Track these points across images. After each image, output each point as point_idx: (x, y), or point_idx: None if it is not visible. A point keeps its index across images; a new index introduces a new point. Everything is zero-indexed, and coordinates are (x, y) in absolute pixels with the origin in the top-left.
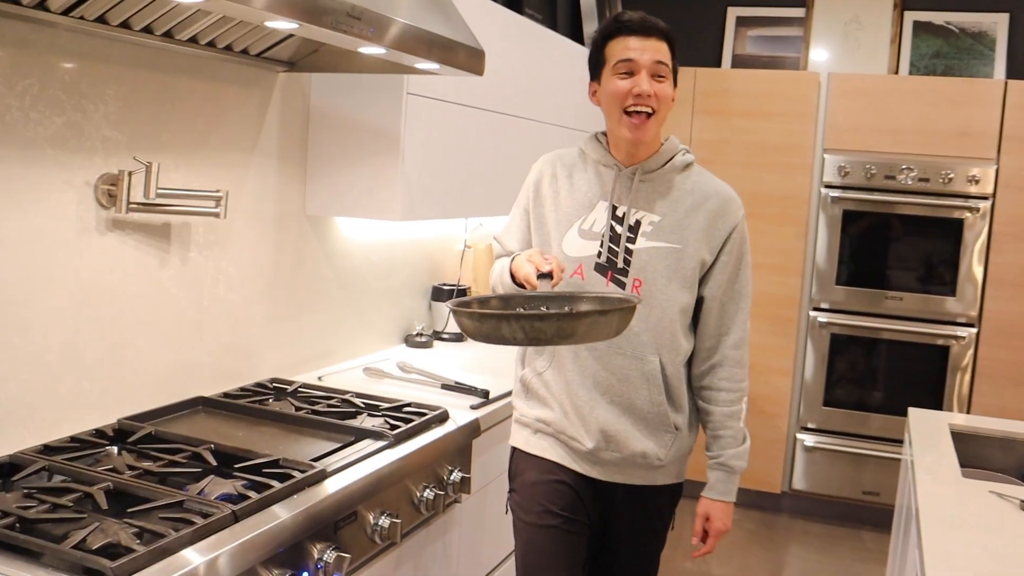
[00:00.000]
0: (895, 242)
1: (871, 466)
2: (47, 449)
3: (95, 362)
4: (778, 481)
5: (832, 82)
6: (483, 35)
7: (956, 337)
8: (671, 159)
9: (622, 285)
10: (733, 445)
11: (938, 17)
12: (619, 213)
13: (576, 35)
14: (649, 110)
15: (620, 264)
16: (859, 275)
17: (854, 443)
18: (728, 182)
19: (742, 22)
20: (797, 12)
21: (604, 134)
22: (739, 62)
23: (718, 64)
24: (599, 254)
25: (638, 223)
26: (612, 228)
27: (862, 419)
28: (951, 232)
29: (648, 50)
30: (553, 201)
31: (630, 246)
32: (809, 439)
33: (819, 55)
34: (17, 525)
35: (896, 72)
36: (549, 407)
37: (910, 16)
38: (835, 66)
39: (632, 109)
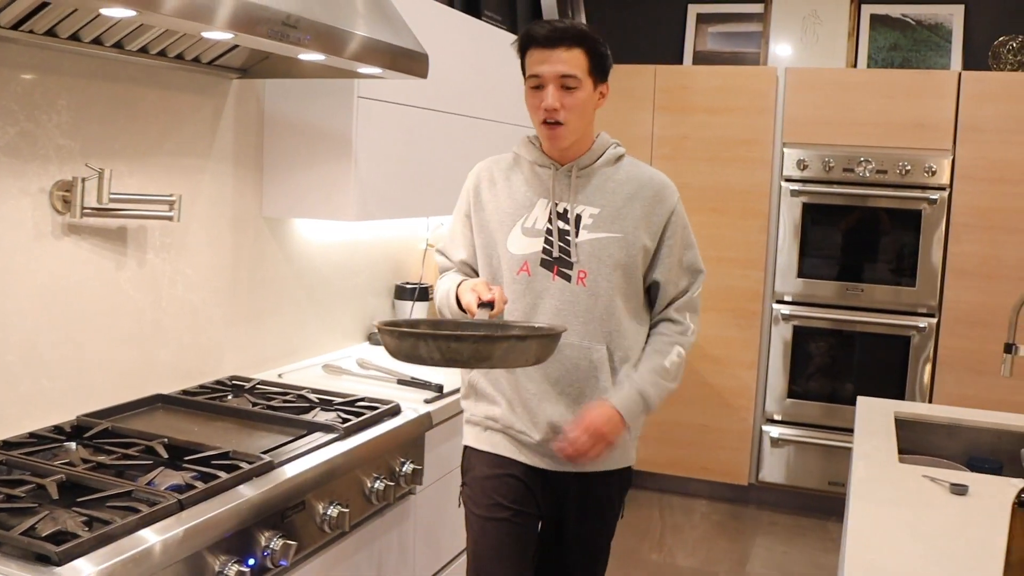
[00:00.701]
0: (855, 234)
1: (837, 457)
2: (6, 444)
3: (55, 362)
4: (745, 473)
5: (789, 76)
6: (436, 39)
7: (917, 328)
8: (603, 154)
9: (568, 278)
10: (648, 370)
11: (895, 10)
12: (560, 209)
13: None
14: (559, 121)
15: (564, 257)
16: (820, 267)
17: (819, 434)
18: (689, 177)
19: (703, 19)
20: (756, 8)
21: (537, 136)
22: (700, 58)
23: (680, 61)
24: (544, 250)
25: (579, 217)
26: (553, 223)
27: (827, 410)
28: (910, 223)
29: (555, 62)
30: (493, 204)
31: (571, 239)
32: (775, 431)
33: (779, 50)
34: None
35: (855, 65)
36: (496, 403)
37: (867, 9)
38: (795, 61)
39: (544, 120)
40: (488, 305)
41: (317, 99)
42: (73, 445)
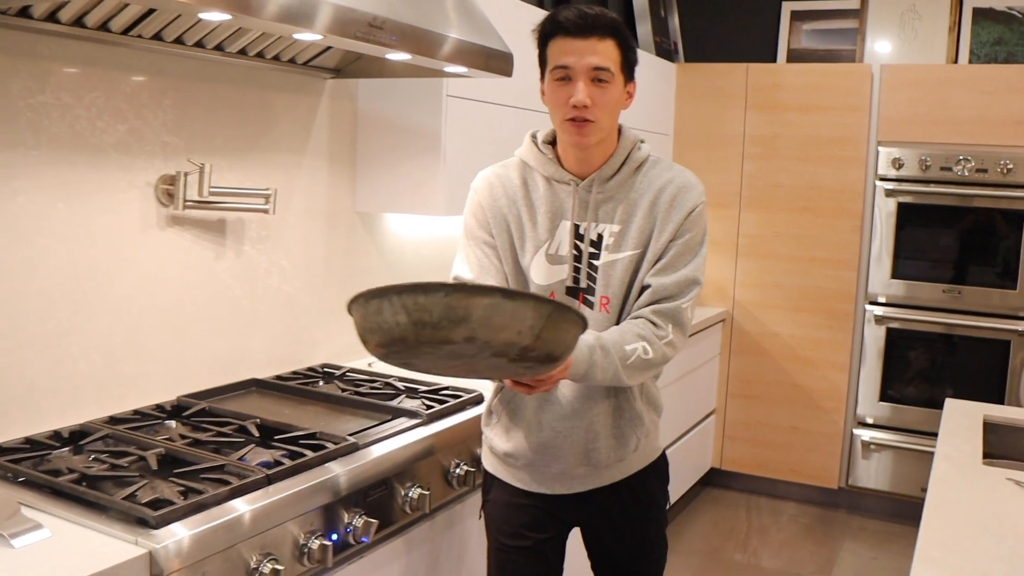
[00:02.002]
0: (953, 235)
1: (930, 462)
2: (112, 420)
3: (157, 346)
4: (835, 476)
5: (884, 74)
6: (523, 38)
7: (1017, 332)
8: (626, 160)
9: (591, 305)
10: (611, 342)
11: (1000, 2)
12: (580, 231)
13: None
14: (589, 118)
15: (586, 283)
16: (916, 269)
17: (913, 439)
18: (781, 176)
19: (797, 16)
20: (852, 4)
21: (548, 141)
22: (795, 56)
23: (774, 59)
24: (568, 277)
25: (600, 236)
26: (576, 248)
27: (921, 415)
28: (1011, 223)
29: (586, 53)
30: (517, 226)
31: (595, 262)
32: (867, 434)
33: (876, 47)
34: (82, 481)
35: (955, 61)
36: (515, 440)
37: (970, 3)
38: (893, 57)
39: (571, 117)
40: None
41: (407, 98)
42: (173, 423)
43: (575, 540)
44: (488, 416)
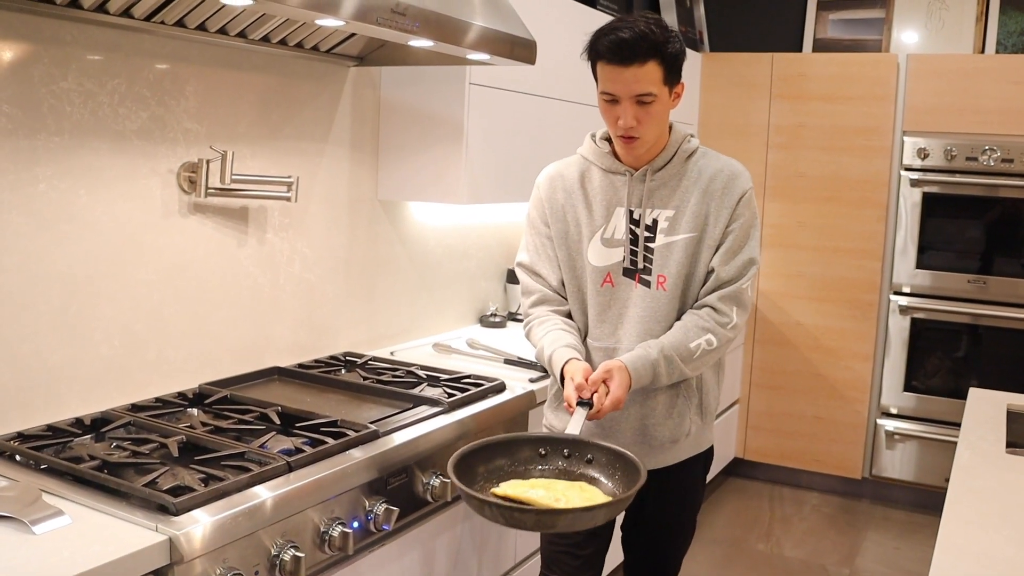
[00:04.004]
0: (979, 225)
1: (954, 453)
2: (134, 407)
3: (179, 333)
4: (858, 466)
5: (911, 63)
6: (548, 26)
7: None
8: (676, 152)
9: (648, 284)
10: (670, 346)
11: None
12: (635, 216)
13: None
14: (635, 136)
15: (642, 264)
16: (941, 259)
17: (937, 429)
18: (805, 166)
19: (823, 6)
20: None
21: (605, 138)
22: (820, 46)
23: (799, 48)
24: (624, 259)
25: (655, 222)
26: (632, 231)
27: (946, 405)
28: None
29: (628, 82)
30: (572, 215)
31: (650, 245)
32: (890, 424)
33: (903, 37)
34: (103, 468)
35: (982, 51)
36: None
37: None
38: (919, 47)
39: (620, 135)
40: (587, 404)
41: (431, 86)
42: (194, 410)
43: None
44: (552, 399)
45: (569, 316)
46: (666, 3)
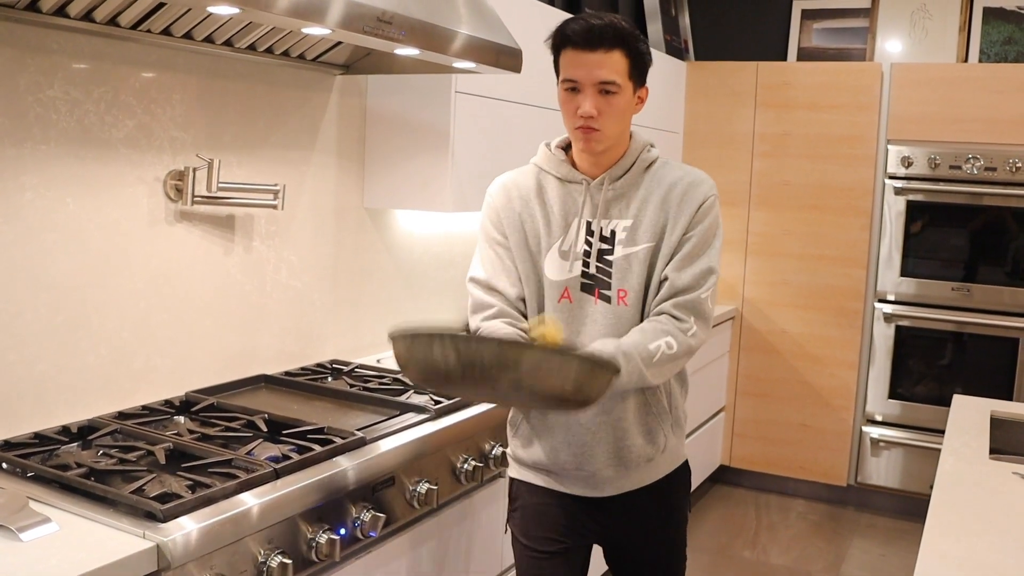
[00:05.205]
0: (962, 233)
1: (938, 460)
2: (121, 415)
3: (165, 340)
4: (843, 474)
5: (895, 72)
6: (533, 35)
7: None
8: (635, 161)
9: (608, 300)
10: (631, 344)
11: (1009, 2)
12: (593, 227)
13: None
14: (595, 127)
15: (604, 279)
16: (925, 266)
17: (922, 437)
18: (790, 174)
19: (808, 15)
20: (863, 2)
21: (561, 146)
22: (805, 55)
23: (784, 57)
24: (583, 273)
25: (613, 232)
26: (588, 243)
27: (930, 412)
28: (1020, 222)
29: (592, 67)
30: (532, 227)
31: (608, 258)
32: (875, 432)
33: (886, 46)
34: (90, 475)
35: (966, 60)
36: (544, 443)
37: (980, 2)
38: (903, 56)
39: (579, 126)
40: None
41: (417, 94)
42: (181, 418)
43: (595, 555)
44: (512, 427)
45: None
46: (651, 11)
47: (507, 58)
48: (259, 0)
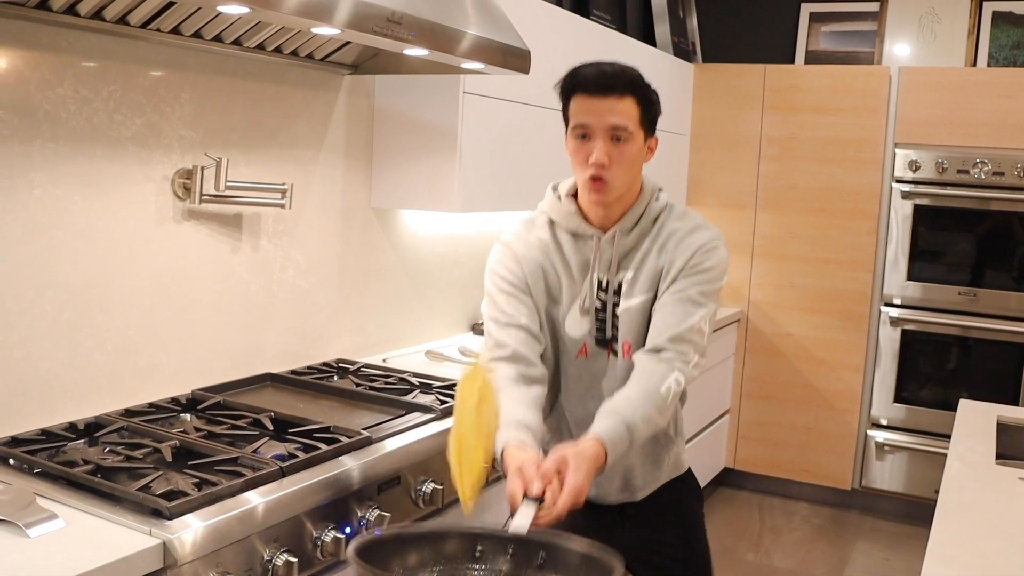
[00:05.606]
0: (969, 237)
1: (943, 464)
2: (127, 412)
3: (171, 339)
4: (848, 477)
5: (903, 76)
6: (541, 36)
7: None
8: (645, 210)
9: (616, 353)
10: (639, 398)
11: (1019, 7)
12: (603, 282)
13: (648, 37)
14: (607, 177)
15: (610, 331)
16: (932, 271)
17: (927, 441)
18: (797, 177)
19: (816, 18)
20: (872, 6)
21: (570, 194)
22: (813, 58)
23: (792, 60)
24: (597, 327)
25: (620, 284)
26: (600, 299)
27: (936, 417)
28: None
29: (604, 113)
30: (555, 279)
31: (616, 310)
32: (880, 436)
33: (895, 49)
34: (97, 472)
35: (974, 64)
36: None
37: (989, 6)
38: (911, 60)
39: (590, 175)
40: (538, 501)
41: (425, 95)
42: (187, 415)
43: None
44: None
45: (541, 383)
46: (659, 14)
47: (515, 59)
48: (269, 0)
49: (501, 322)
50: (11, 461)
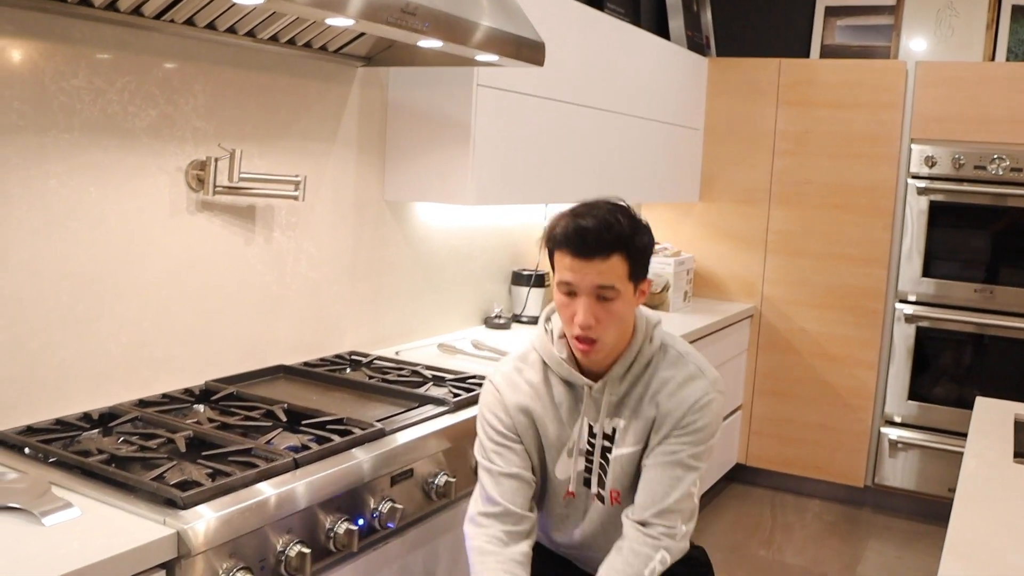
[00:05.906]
0: (987, 234)
1: (957, 462)
2: (141, 403)
3: (185, 330)
4: (861, 475)
5: (919, 71)
6: (556, 29)
7: None
8: (637, 355)
9: (602, 499)
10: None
11: None
12: (594, 429)
13: (661, 30)
14: (594, 337)
15: (601, 476)
16: (948, 267)
17: (941, 439)
18: (811, 173)
19: (831, 12)
20: (888, 0)
21: (562, 336)
22: (828, 52)
23: (807, 54)
24: (586, 469)
25: (614, 430)
26: (591, 444)
27: (950, 414)
28: None
29: (589, 272)
30: (542, 426)
31: (608, 455)
32: (894, 433)
33: (911, 44)
34: (111, 462)
35: (992, 59)
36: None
37: (1008, 0)
38: (928, 54)
39: (576, 335)
40: None
41: (438, 87)
42: (201, 407)
43: None
44: None
45: (529, 536)
46: (673, 7)
47: (529, 51)
48: None
49: (493, 472)
50: (26, 450)
